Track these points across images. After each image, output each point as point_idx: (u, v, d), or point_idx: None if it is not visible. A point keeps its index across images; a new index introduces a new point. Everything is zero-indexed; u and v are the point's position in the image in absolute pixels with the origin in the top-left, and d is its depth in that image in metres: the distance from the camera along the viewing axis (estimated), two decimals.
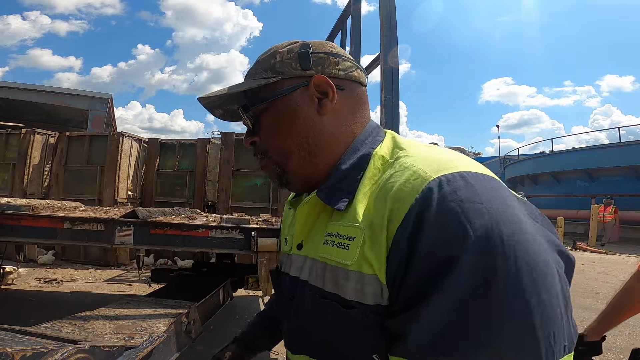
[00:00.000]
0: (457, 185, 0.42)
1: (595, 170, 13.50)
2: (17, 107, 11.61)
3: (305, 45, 0.59)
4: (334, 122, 0.58)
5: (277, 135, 0.59)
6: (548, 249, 0.43)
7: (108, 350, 1.30)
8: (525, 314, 0.38)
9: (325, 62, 0.59)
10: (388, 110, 2.72)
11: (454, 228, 0.40)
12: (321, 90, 0.57)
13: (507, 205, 0.42)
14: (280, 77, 0.58)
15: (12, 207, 2.30)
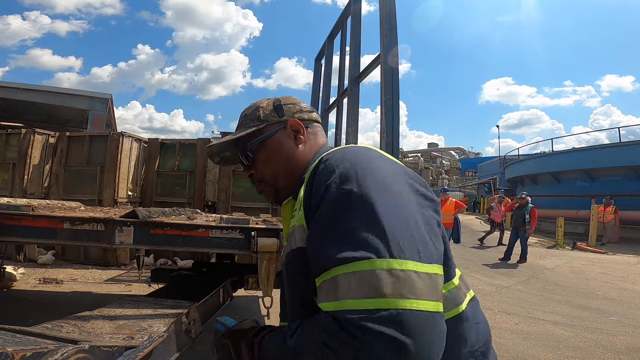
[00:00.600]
0: (336, 154, 0.67)
1: (595, 170, 13.48)
2: (17, 107, 11.60)
3: (277, 100, 0.90)
4: (305, 149, 0.86)
5: (270, 164, 0.85)
6: (403, 185, 0.63)
7: (108, 350, 1.30)
8: (373, 215, 0.55)
9: (293, 110, 0.88)
10: (388, 110, 2.72)
11: (328, 173, 0.63)
12: (295, 129, 0.86)
13: (369, 160, 0.64)
14: (266, 124, 0.86)
15: (12, 207, 2.30)
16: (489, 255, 8.61)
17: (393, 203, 0.58)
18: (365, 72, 3.52)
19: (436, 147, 56.01)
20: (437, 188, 34.52)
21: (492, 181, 24.26)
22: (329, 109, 4.84)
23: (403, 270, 0.50)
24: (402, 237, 0.53)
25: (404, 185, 0.63)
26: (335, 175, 0.61)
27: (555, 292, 5.41)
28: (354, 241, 0.53)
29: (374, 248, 0.52)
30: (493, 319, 4.12)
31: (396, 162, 0.69)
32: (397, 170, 0.65)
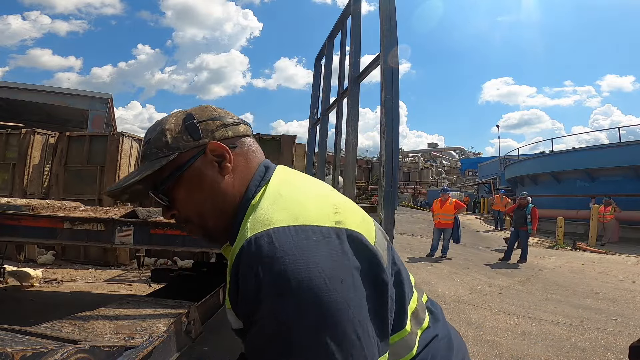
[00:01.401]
0: (260, 244, 0.52)
1: (595, 170, 13.49)
2: (17, 107, 11.61)
3: (189, 115, 0.69)
4: (234, 178, 0.68)
5: (192, 202, 0.68)
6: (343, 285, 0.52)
7: (108, 350, 1.30)
8: (313, 344, 0.48)
9: (212, 127, 0.68)
10: (388, 110, 2.72)
11: (252, 282, 0.51)
12: (217, 154, 0.66)
13: (302, 255, 0.51)
14: (177, 153, 0.66)
15: (12, 207, 2.30)
16: (489, 256, 8.61)
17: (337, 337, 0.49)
18: (365, 72, 3.52)
19: (436, 147, 56.02)
20: (437, 188, 34.56)
21: (492, 181, 24.27)
22: (329, 109, 4.84)
23: None
24: None
25: (347, 282, 0.53)
26: (267, 287, 0.50)
27: (555, 292, 5.41)
28: None
29: None
30: (493, 319, 4.13)
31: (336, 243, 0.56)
32: (337, 258, 0.54)
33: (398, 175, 2.85)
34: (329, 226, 0.56)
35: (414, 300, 0.72)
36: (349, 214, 0.61)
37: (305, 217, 0.56)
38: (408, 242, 10.28)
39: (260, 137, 5.97)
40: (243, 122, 0.73)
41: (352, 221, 0.60)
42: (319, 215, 0.57)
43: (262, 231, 0.54)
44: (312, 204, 0.60)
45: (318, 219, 0.56)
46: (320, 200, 0.62)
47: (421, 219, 16.24)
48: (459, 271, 6.72)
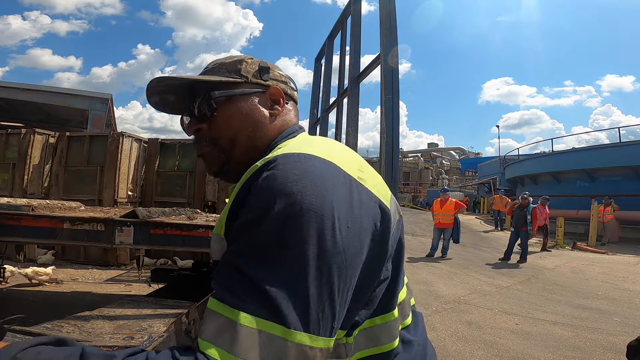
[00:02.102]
0: (287, 160, 0.54)
1: (595, 170, 13.48)
2: (17, 107, 11.60)
3: (264, 62, 0.76)
4: (277, 122, 0.73)
5: (232, 127, 0.70)
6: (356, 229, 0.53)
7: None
8: (303, 277, 0.47)
9: (278, 79, 0.77)
10: (388, 110, 2.72)
11: (273, 192, 0.50)
12: (274, 99, 0.74)
13: (323, 186, 0.52)
14: (244, 80, 0.72)
15: (12, 207, 2.30)
16: (489, 256, 8.61)
17: (330, 268, 0.48)
18: (365, 72, 3.52)
19: (436, 147, 56.02)
20: (437, 188, 34.55)
21: (492, 181, 24.27)
22: (329, 109, 4.84)
23: (312, 348, 0.46)
24: (322, 310, 0.47)
25: (353, 230, 0.52)
26: (281, 204, 0.49)
27: (555, 292, 5.41)
28: (272, 299, 0.45)
29: (292, 316, 0.45)
30: (493, 319, 4.13)
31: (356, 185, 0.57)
32: (353, 204, 0.54)
33: (398, 175, 2.85)
34: (352, 176, 0.57)
35: (403, 292, 0.72)
36: (370, 176, 0.62)
37: (335, 158, 0.58)
38: (408, 242, 10.27)
39: None
40: (295, 88, 0.83)
41: (372, 184, 0.60)
42: (346, 162, 0.59)
43: (292, 152, 0.55)
44: (340, 154, 0.61)
45: (345, 165, 0.58)
46: (347, 155, 0.63)
47: (421, 219, 16.24)
48: (459, 271, 6.72)
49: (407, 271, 2.88)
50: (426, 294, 5.05)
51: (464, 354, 3.19)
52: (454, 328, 3.81)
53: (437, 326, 3.84)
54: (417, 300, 2.77)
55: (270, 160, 0.54)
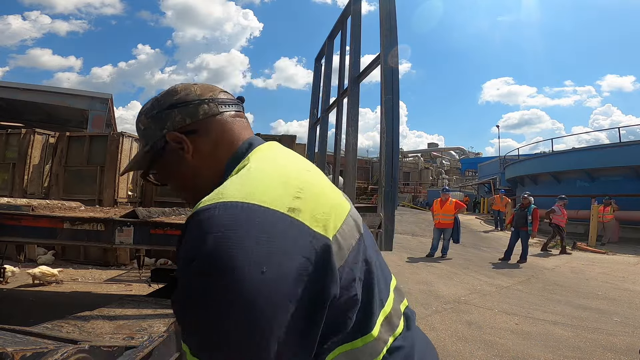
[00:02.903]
0: (203, 216, 0.51)
1: (595, 170, 13.49)
2: (17, 107, 11.61)
3: (154, 104, 0.73)
4: (202, 160, 0.70)
5: (173, 180, 0.75)
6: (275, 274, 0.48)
7: (108, 350, 1.30)
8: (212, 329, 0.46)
9: (171, 117, 0.71)
10: (388, 110, 2.72)
11: (184, 250, 0.50)
12: (177, 142, 0.70)
13: (236, 235, 0.48)
14: (149, 145, 0.73)
15: (12, 207, 2.30)
16: (489, 256, 8.61)
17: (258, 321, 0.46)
18: (365, 72, 3.52)
19: (436, 147, 56.02)
20: (438, 188, 34.51)
21: (492, 181, 24.28)
22: (329, 109, 4.84)
23: None
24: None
25: (272, 273, 0.48)
26: (195, 262, 0.48)
27: (555, 292, 5.41)
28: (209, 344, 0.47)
29: None
30: (493, 319, 4.13)
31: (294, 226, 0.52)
32: (272, 246, 0.49)
33: (398, 175, 2.86)
34: (279, 211, 0.52)
35: (389, 304, 0.67)
36: (312, 200, 0.56)
37: (258, 196, 0.53)
38: (408, 242, 10.27)
39: (260, 137, 5.97)
40: (211, 99, 0.72)
41: (311, 209, 0.55)
42: (274, 197, 0.54)
43: (210, 204, 0.52)
44: (272, 183, 0.57)
45: (271, 201, 0.53)
46: (284, 180, 0.58)
47: (421, 219, 16.24)
48: (459, 271, 6.72)
49: (407, 271, 2.91)
50: (426, 294, 5.05)
51: (464, 354, 3.19)
52: (454, 328, 3.81)
53: (437, 326, 3.84)
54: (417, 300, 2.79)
55: (192, 213, 0.53)
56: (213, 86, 0.77)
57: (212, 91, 0.74)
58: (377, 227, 2.44)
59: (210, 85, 0.77)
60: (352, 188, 3.71)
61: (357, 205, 5.21)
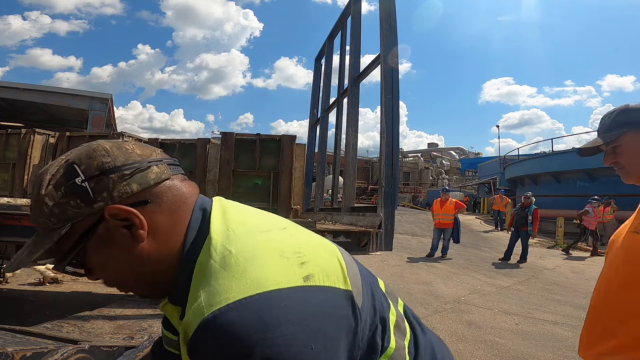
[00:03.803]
0: (220, 324, 0.45)
1: (595, 170, 13.48)
2: (17, 107, 11.61)
3: (70, 171, 0.52)
4: (159, 241, 0.54)
5: (110, 273, 0.56)
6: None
7: (108, 350, 1.30)
8: None
9: (108, 185, 0.51)
10: (388, 110, 2.72)
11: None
12: (122, 218, 0.51)
13: (271, 331, 0.44)
14: (69, 224, 0.51)
15: (12, 207, 2.30)
16: (489, 256, 8.61)
17: None
18: (365, 72, 3.52)
19: (436, 147, 56.03)
20: (438, 188, 34.51)
21: (492, 181, 24.28)
22: (329, 109, 4.84)
23: None
24: None
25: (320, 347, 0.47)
26: None
27: (555, 292, 5.41)
28: None
29: None
30: (493, 319, 4.13)
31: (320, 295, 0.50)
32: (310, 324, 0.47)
33: (398, 175, 2.85)
34: (298, 286, 0.49)
35: (392, 311, 0.66)
36: (314, 257, 0.54)
37: (268, 281, 0.48)
38: (408, 242, 10.27)
39: (260, 137, 5.97)
40: (156, 160, 0.55)
41: (320, 267, 0.53)
42: (283, 273, 0.49)
43: (221, 307, 0.46)
44: (270, 259, 0.51)
45: (282, 279, 0.49)
46: (279, 250, 0.52)
47: (421, 219, 16.24)
48: (459, 271, 6.72)
49: (407, 271, 2.92)
50: (426, 294, 5.05)
51: (464, 354, 3.19)
52: (454, 328, 3.81)
53: (437, 326, 3.84)
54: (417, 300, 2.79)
55: (201, 324, 0.46)
56: (146, 144, 0.60)
57: (153, 150, 0.57)
58: (377, 227, 2.44)
59: (141, 143, 0.62)
60: (352, 188, 3.72)
61: (357, 205, 5.22)
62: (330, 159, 5.34)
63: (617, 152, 1.06)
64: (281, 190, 5.80)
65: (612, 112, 1.10)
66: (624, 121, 1.04)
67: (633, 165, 1.04)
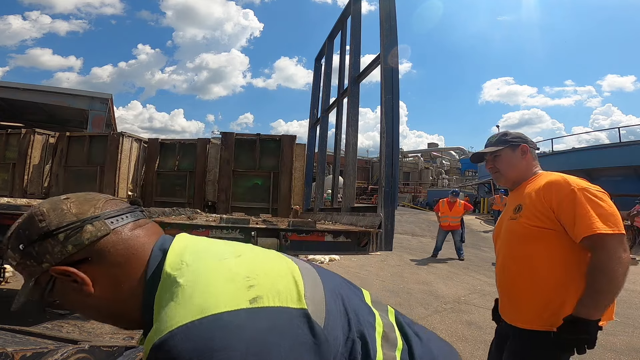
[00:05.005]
0: (164, 350, 0.47)
1: (595, 170, 13.49)
2: (17, 107, 11.62)
3: (18, 238, 0.58)
4: (109, 289, 0.58)
5: (80, 311, 0.62)
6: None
7: (108, 350, 1.30)
8: None
9: (48, 248, 0.56)
10: (388, 110, 2.72)
11: None
12: (66, 275, 0.56)
13: (213, 354, 0.46)
14: (33, 280, 0.58)
15: (12, 207, 2.30)
16: (489, 256, 8.61)
17: None
18: (365, 72, 3.52)
19: (436, 147, 56.03)
20: (437, 188, 34.55)
21: (492, 181, 24.27)
22: (329, 109, 4.85)
23: None
24: None
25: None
26: None
27: None
28: None
29: None
30: None
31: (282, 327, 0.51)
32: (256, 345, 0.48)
33: (398, 175, 2.86)
34: (243, 308, 0.50)
35: (379, 322, 0.66)
36: (264, 279, 0.55)
37: (213, 304, 0.50)
38: (408, 242, 10.28)
39: (260, 137, 5.97)
40: (93, 218, 0.58)
41: (270, 289, 0.54)
42: (229, 297, 0.51)
43: (165, 334, 0.48)
44: (219, 283, 0.53)
45: (228, 302, 0.50)
46: (228, 275, 0.54)
47: (421, 219, 16.25)
48: (459, 271, 6.72)
49: (407, 271, 2.92)
50: (426, 294, 5.05)
51: (464, 354, 3.19)
52: (454, 328, 3.81)
53: (437, 326, 3.84)
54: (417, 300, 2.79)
55: (149, 353, 0.49)
56: (93, 196, 0.63)
57: (93, 205, 0.60)
58: (377, 227, 2.44)
59: (89, 195, 0.63)
60: (352, 188, 3.72)
61: (357, 205, 5.21)
62: (330, 159, 5.34)
63: (496, 160, 1.55)
64: (281, 190, 5.80)
65: (498, 134, 1.60)
66: (505, 140, 1.54)
67: (505, 171, 1.54)
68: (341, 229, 2.48)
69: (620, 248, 1.25)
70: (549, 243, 1.34)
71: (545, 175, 1.49)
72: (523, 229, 1.39)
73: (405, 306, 4.52)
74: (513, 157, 1.53)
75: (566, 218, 1.30)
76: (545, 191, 1.36)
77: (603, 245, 1.24)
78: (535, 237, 1.36)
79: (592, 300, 1.24)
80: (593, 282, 1.25)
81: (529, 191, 1.45)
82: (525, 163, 1.54)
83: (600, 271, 1.25)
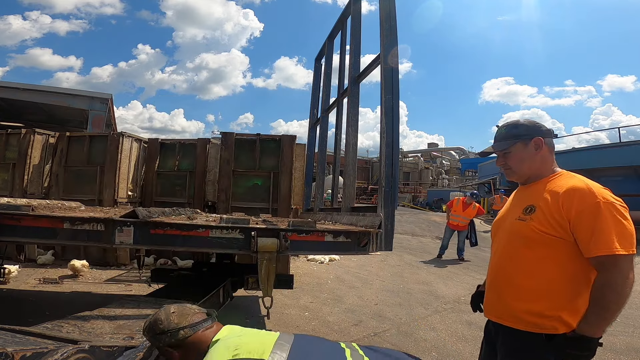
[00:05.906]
0: None
1: (595, 170, 13.46)
2: (17, 107, 11.61)
3: (151, 328, 1.26)
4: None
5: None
6: None
7: (108, 350, 1.30)
8: None
9: (162, 339, 1.24)
10: (388, 110, 2.72)
11: None
12: (169, 353, 1.24)
13: None
14: (157, 350, 1.33)
15: (12, 207, 2.29)
16: (489, 255, 8.60)
17: None
18: (365, 72, 3.52)
19: (436, 147, 56.00)
20: (437, 188, 34.53)
21: (492, 181, 24.26)
22: (329, 109, 4.84)
23: None
24: None
25: None
26: None
27: None
28: None
29: None
30: None
31: None
32: None
33: (398, 175, 2.85)
34: (228, 358, 1.04)
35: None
36: (246, 346, 1.07)
37: (215, 358, 1.07)
38: (408, 242, 10.28)
39: (260, 137, 5.97)
40: (186, 327, 1.20)
41: (247, 350, 1.05)
42: (220, 354, 1.07)
43: None
44: (219, 351, 1.08)
45: (220, 357, 1.06)
46: (227, 346, 1.09)
47: (421, 219, 16.24)
48: (459, 271, 6.72)
49: (407, 271, 2.93)
50: (426, 294, 5.05)
51: (464, 354, 3.19)
52: (454, 328, 3.81)
53: (437, 326, 3.85)
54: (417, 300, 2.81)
55: None
56: (188, 311, 1.24)
57: (185, 317, 1.22)
58: (377, 227, 2.44)
59: (186, 310, 1.25)
60: (352, 188, 3.71)
61: (357, 205, 5.20)
62: (330, 159, 5.34)
63: (507, 157, 1.44)
64: (281, 190, 5.80)
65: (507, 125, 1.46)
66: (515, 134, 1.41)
67: (518, 168, 1.45)
68: (341, 229, 2.48)
69: (631, 269, 1.19)
70: (556, 251, 1.27)
71: (567, 178, 1.39)
72: (532, 232, 1.30)
73: (405, 306, 4.51)
74: (526, 153, 1.41)
75: (583, 230, 1.22)
76: (565, 199, 1.27)
77: (616, 265, 1.18)
78: (544, 243, 1.28)
79: (597, 317, 1.19)
80: (601, 299, 1.19)
81: (545, 193, 1.34)
82: (540, 158, 1.43)
83: (611, 290, 1.18)
